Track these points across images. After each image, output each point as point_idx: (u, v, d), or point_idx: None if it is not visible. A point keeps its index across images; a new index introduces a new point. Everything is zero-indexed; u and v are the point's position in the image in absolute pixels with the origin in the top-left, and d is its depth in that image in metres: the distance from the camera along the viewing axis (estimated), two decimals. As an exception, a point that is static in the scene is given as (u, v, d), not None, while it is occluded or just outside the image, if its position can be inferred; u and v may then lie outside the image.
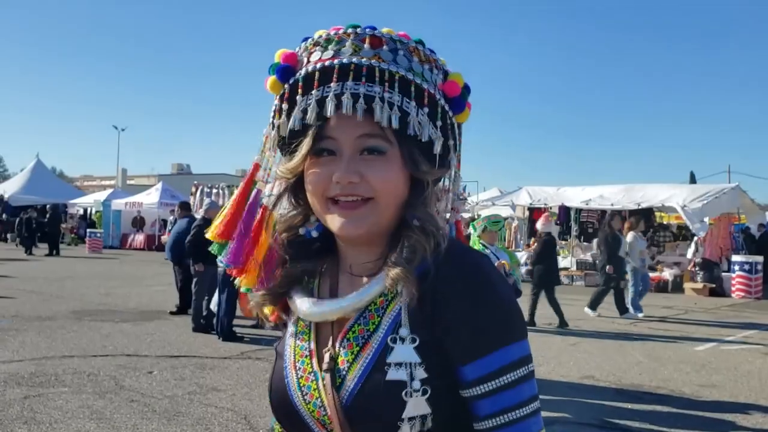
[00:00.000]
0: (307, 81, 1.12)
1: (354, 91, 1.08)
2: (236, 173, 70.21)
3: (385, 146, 1.11)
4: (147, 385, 6.63)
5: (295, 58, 1.16)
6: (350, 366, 1.10)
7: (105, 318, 10.74)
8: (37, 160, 37.84)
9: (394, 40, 1.14)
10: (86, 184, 68.40)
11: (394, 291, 1.11)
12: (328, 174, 1.11)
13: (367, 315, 1.13)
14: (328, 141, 1.11)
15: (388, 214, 1.14)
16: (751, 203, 21.21)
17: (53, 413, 5.64)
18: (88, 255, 26.69)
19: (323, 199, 1.13)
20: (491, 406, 1.07)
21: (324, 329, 1.18)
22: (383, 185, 1.11)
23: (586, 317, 12.47)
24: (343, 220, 1.11)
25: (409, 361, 1.06)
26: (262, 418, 5.68)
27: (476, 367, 1.07)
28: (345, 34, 1.14)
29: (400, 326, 1.09)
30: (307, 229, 1.23)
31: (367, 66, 1.10)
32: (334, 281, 1.23)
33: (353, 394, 1.08)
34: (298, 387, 1.16)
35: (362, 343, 1.11)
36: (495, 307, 1.09)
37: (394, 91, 1.10)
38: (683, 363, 8.57)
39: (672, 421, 6.00)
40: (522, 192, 22.02)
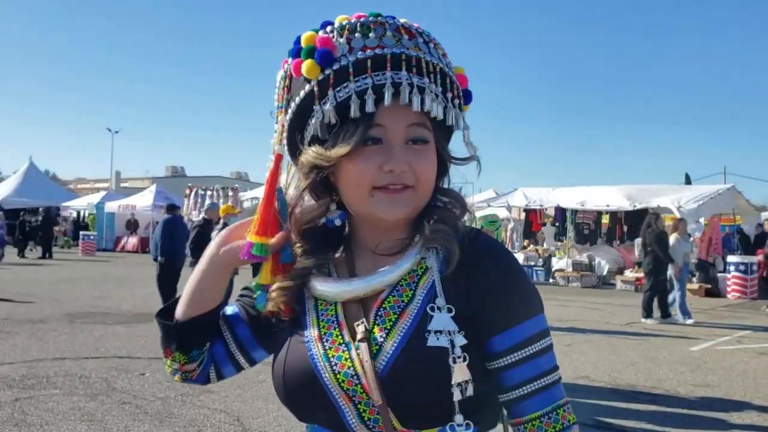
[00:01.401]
0: (356, 67, 1.12)
1: (409, 81, 1.11)
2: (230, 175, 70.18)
3: (429, 135, 1.16)
4: (139, 387, 6.57)
5: (332, 43, 1.14)
6: (388, 334, 1.12)
7: (97, 320, 10.68)
8: (30, 162, 37.68)
9: (420, 32, 1.18)
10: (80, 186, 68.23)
11: (423, 266, 1.17)
12: (376, 163, 1.12)
13: (400, 289, 1.16)
14: (377, 129, 1.13)
15: (426, 200, 1.19)
16: (747, 204, 21.26)
17: (44, 415, 5.59)
18: (81, 258, 26.62)
19: (368, 187, 1.14)
20: (521, 374, 1.14)
21: (350, 306, 1.19)
22: (426, 174, 1.15)
23: (581, 318, 12.45)
24: (388, 204, 1.14)
25: (448, 328, 1.10)
26: (255, 420, 5.64)
27: (508, 336, 1.13)
28: (379, 23, 1.15)
29: (436, 297, 1.13)
30: (328, 218, 1.23)
31: (416, 57, 1.13)
32: (351, 263, 1.24)
33: (392, 361, 1.10)
34: (325, 358, 1.14)
35: (399, 312, 1.14)
36: (522, 282, 1.19)
37: (438, 81, 1.15)
38: (678, 363, 8.55)
39: (667, 421, 5.98)
40: (517, 193, 22.01)
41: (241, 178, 68.15)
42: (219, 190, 25.79)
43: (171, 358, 1.32)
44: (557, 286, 19.15)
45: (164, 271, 11.36)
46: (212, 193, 25.06)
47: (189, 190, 25.71)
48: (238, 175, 71.38)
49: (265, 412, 5.82)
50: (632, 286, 18.33)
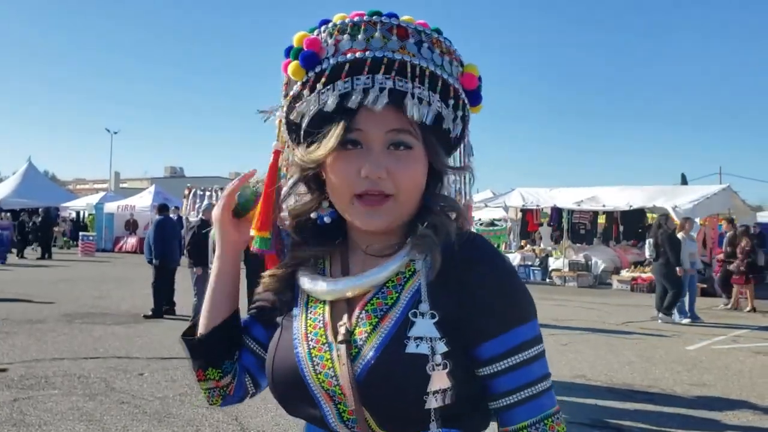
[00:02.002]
0: (334, 70, 1.12)
1: (387, 86, 1.09)
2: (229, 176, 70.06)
3: (413, 141, 1.13)
4: (138, 387, 6.60)
5: (319, 45, 1.14)
6: (368, 337, 1.11)
7: (96, 321, 10.70)
8: (29, 163, 37.64)
9: (418, 31, 1.14)
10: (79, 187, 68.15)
11: (411, 269, 1.15)
12: (355, 168, 1.11)
13: (385, 291, 1.15)
14: (356, 133, 1.12)
15: (408, 208, 1.16)
16: (742, 204, 21.30)
17: (43, 415, 5.61)
18: (80, 258, 26.60)
19: (349, 194, 1.13)
20: (511, 381, 1.11)
21: (338, 305, 1.19)
22: (407, 182, 1.13)
23: (578, 317, 12.48)
24: (366, 216, 1.13)
25: (429, 335, 1.08)
26: (253, 419, 5.67)
27: (499, 343, 1.11)
28: (371, 23, 1.13)
29: (420, 302, 1.11)
30: (319, 215, 1.23)
31: (399, 60, 1.10)
32: (345, 261, 1.24)
33: (369, 365, 1.09)
34: (309, 357, 1.15)
35: (381, 315, 1.13)
36: (514, 287, 1.16)
37: (424, 85, 1.11)
38: (675, 362, 8.59)
39: (663, 420, 6.01)
40: (514, 193, 22.04)
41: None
42: (218, 190, 25.72)
43: (204, 378, 1.30)
44: (554, 285, 19.18)
45: (160, 273, 11.42)
46: (211, 194, 25.01)
47: (188, 191, 25.62)
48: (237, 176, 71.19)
49: (264, 411, 5.84)
50: (628, 286, 18.37)
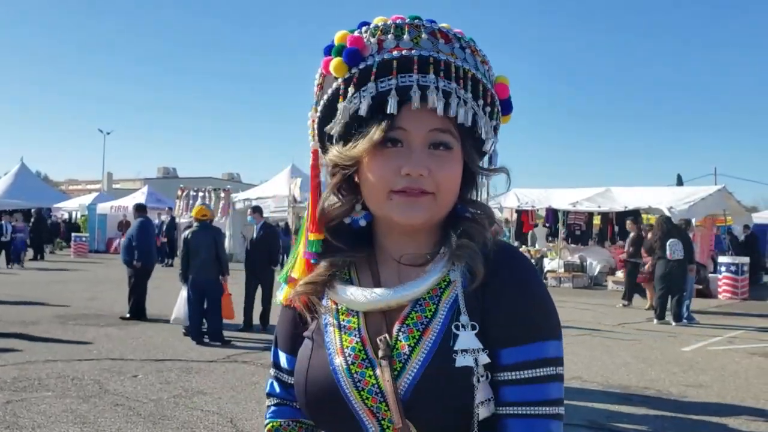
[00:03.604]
0: (382, 67, 1.11)
1: (435, 85, 1.09)
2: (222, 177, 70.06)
3: (453, 142, 1.13)
4: (132, 389, 6.56)
5: (362, 42, 1.13)
6: (411, 351, 1.10)
7: (90, 322, 10.64)
8: (21, 163, 37.50)
9: (458, 38, 1.16)
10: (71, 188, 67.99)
11: (447, 279, 1.14)
12: (395, 166, 1.11)
13: (423, 303, 1.14)
14: (398, 131, 1.12)
15: (446, 208, 1.16)
16: (737, 205, 21.33)
17: (36, 418, 5.56)
18: (73, 259, 26.51)
19: (386, 190, 1.12)
20: (518, 394, 1.09)
21: (373, 318, 1.17)
22: (447, 182, 1.13)
23: (573, 318, 12.47)
24: (405, 207, 1.11)
25: (473, 347, 1.08)
26: (248, 421, 5.63)
27: (514, 353, 1.10)
28: (414, 26, 1.13)
29: (459, 314, 1.10)
30: (354, 218, 1.22)
31: (445, 61, 1.11)
32: (375, 271, 1.21)
33: (415, 382, 1.08)
34: (348, 374, 1.12)
35: (422, 329, 1.12)
36: (542, 301, 1.15)
37: (468, 88, 1.12)
38: (671, 363, 8.59)
39: (659, 422, 6.01)
40: (510, 194, 22.02)
41: (233, 180, 68.05)
42: (211, 191, 25.70)
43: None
44: (549, 287, 19.20)
45: (141, 274, 11.34)
46: (204, 195, 24.99)
47: (181, 192, 25.60)
48: (230, 177, 71.26)
49: (259, 413, 5.81)
50: (623, 287, 18.36)
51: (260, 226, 10.65)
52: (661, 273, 12.46)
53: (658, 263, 12.62)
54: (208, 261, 9.37)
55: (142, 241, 11.45)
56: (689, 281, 12.68)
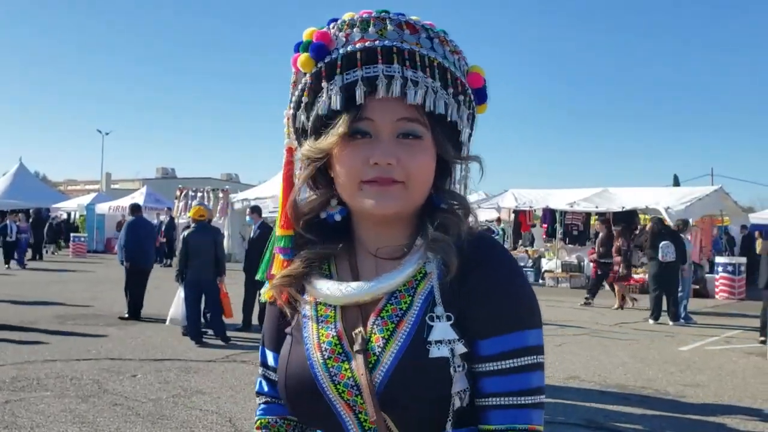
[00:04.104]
0: (346, 60, 1.11)
1: (401, 74, 1.09)
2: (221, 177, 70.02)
3: (422, 130, 1.13)
4: (131, 389, 6.57)
5: (329, 37, 1.14)
6: (386, 344, 1.10)
7: (89, 322, 10.65)
8: (20, 163, 37.45)
9: (426, 28, 1.15)
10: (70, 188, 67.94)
11: (422, 271, 1.14)
12: (364, 157, 1.10)
13: (398, 295, 1.14)
14: (365, 122, 1.11)
15: (419, 198, 1.15)
16: (734, 205, 21.40)
17: (35, 417, 5.57)
18: (72, 259, 26.50)
19: (356, 181, 1.12)
20: (499, 385, 1.09)
21: (349, 311, 1.17)
22: (417, 171, 1.12)
23: (571, 318, 12.50)
24: (376, 197, 1.11)
25: (449, 338, 1.08)
26: (247, 421, 5.65)
27: (495, 343, 1.09)
28: (381, 19, 1.14)
29: (434, 305, 1.10)
30: (329, 213, 1.22)
31: (409, 50, 1.11)
32: (353, 264, 1.22)
33: (390, 373, 1.08)
34: (325, 368, 1.13)
35: (396, 321, 1.12)
36: (521, 291, 1.14)
37: (436, 77, 1.12)
38: (668, 363, 8.62)
39: (657, 421, 6.03)
40: (507, 195, 22.07)
41: (232, 180, 68.02)
42: (209, 191, 25.70)
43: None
44: (546, 287, 19.22)
45: (130, 275, 11.37)
46: (203, 195, 24.98)
47: (180, 192, 25.57)
48: (229, 177, 71.22)
49: (257, 413, 5.82)
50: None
51: (258, 225, 10.66)
52: (654, 274, 12.54)
53: (651, 264, 12.73)
54: (207, 261, 9.39)
55: (129, 241, 11.48)
56: (686, 281, 12.71)
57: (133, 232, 11.57)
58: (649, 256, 12.77)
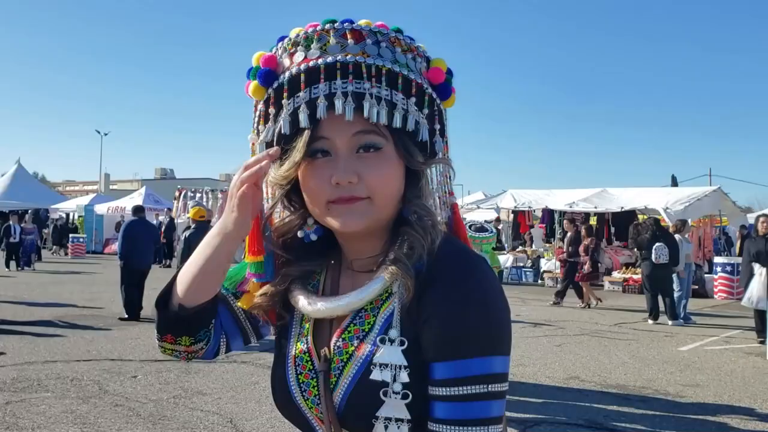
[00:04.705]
0: (292, 83, 1.09)
1: (344, 90, 1.06)
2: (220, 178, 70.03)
3: (381, 141, 1.09)
4: (131, 390, 6.57)
5: (275, 61, 1.12)
6: (344, 366, 1.11)
7: (88, 323, 10.65)
8: (18, 164, 37.40)
9: (374, 32, 1.11)
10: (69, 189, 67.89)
11: (389, 290, 1.11)
12: (326, 177, 1.08)
13: (363, 315, 1.13)
14: (322, 141, 1.09)
15: (387, 211, 1.12)
16: (733, 205, 21.41)
17: (36, 419, 5.58)
18: (70, 260, 26.47)
19: (323, 202, 1.10)
20: (447, 412, 1.04)
21: (322, 326, 1.18)
22: (381, 184, 1.09)
23: (571, 319, 12.51)
24: (343, 216, 1.09)
25: (395, 363, 1.06)
26: (248, 422, 5.65)
27: (446, 368, 1.04)
28: (324, 31, 1.11)
29: (391, 327, 1.08)
30: (306, 232, 1.20)
31: (353, 63, 1.08)
32: (336, 278, 1.22)
33: (347, 395, 1.09)
34: (297, 384, 1.17)
35: (357, 343, 1.11)
36: (483, 313, 1.05)
37: (382, 84, 1.08)
38: (667, 363, 8.63)
39: (657, 421, 6.04)
40: (506, 195, 22.08)
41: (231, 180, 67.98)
42: (208, 192, 25.67)
43: (174, 342, 1.21)
44: (546, 287, 19.22)
45: (124, 274, 11.43)
46: (201, 195, 24.96)
47: (178, 192, 25.55)
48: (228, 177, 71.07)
49: (259, 413, 5.83)
50: (620, 287, 18.44)
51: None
52: (647, 275, 12.59)
53: (644, 264, 12.76)
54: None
55: (124, 241, 11.61)
56: (683, 281, 12.73)
57: (129, 233, 11.62)
58: (643, 257, 12.83)
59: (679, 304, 12.46)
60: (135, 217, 12.10)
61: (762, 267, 9.85)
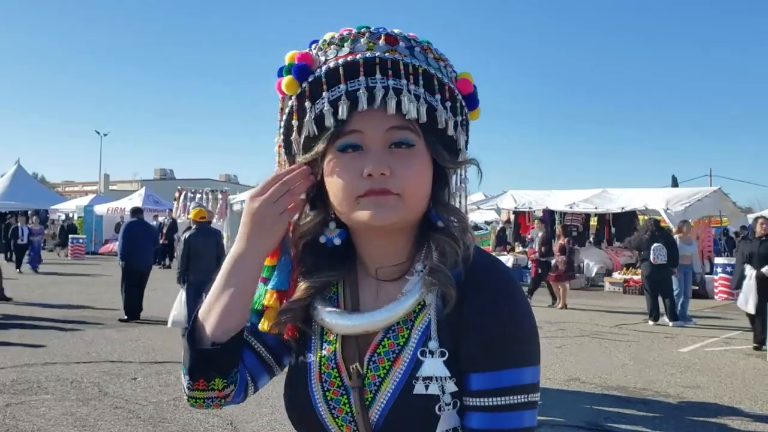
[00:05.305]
0: (329, 77, 1.09)
1: (383, 84, 1.07)
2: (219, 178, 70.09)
3: (414, 138, 1.10)
4: (131, 392, 6.56)
5: (310, 58, 1.13)
6: (381, 382, 1.08)
7: (88, 324, 10.64)
8: (18, 165, 37.39)
9: (407, 38, 1.13)
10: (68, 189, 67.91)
11: (422, 302, 1.10)
12: (356, 170, 1.07)
13: (396, 328, 1.11)
14: (354, 135, 1.09)
15: (416, 211, 1.12)
16: (733, 206, 21.40)
17: (36, 421, 5.57)
18: (70, 261, 26.46)
19: (352, 196, 1.08)
20: (483, 422, 1.04)
21: (349, 341, 1.15)
22: (412, 180, 1.08)
23: (571, 320, 12.50)
24: (373, 208, 1.07)
25: (439, 375, 1.05)
26: (248, 424, 5.64)
27: (483, 379, 1.05)
28: (360, 33, 1.12)
29: (429, 339, 1.07)
30: (327, 237, 1.17)
31: (392, 60, 1.08)
32: (355, 289, 1.19)
33: (386, 412, 1.07)
34: (324, 400, 1.13)
35: (393, 358, 1.09)
36: (519, 325, 1.07)
37: (420, 84, 1.09)
38: (668, 364, 8.62)
39: (657, 423, 6.04)
40: (507, 196, 22.08)
41: (231, 181, 68.12)
42: (208, 192, 25.67)
43: (206, 388, 1.16)
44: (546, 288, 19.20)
45: (125, 275, 11.42)
46: (201, 196, 24.97)
47: (178, 193, 25.54)
48: (228, 178, 71.35)
49: (259, 416, 5.82)
50: (620, 288, 18.43)
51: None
52: (647, 275, 12.60)
53: (643, 265, 12.76)
54: (209, 263, 9.38)
55: (124, 242, 11.64)
56: (680, 282, 12.73)
57: (129, 233, 11.62)
58: (642, 258, 12.83)
59: (677, 305, 12.45)
60: (134, 218, 12.11)
61: (753, 269, 9.84)
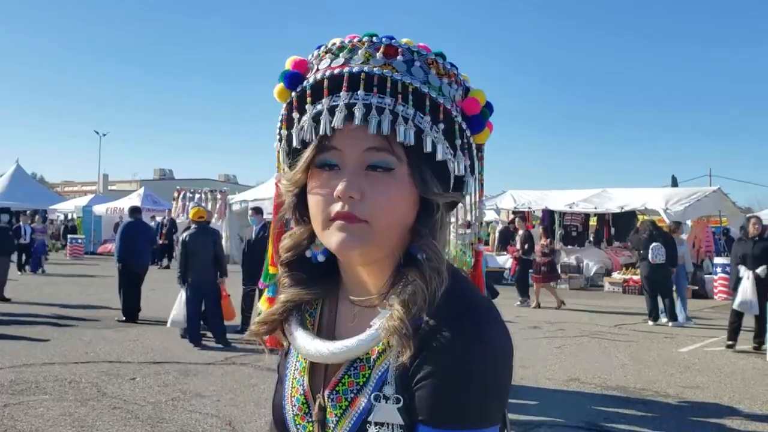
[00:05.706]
0: (315, 89, 1.05)
1: (365, 102, 1.00)
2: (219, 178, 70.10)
3: (393, 162, 1.01)
4: (130, 392, 6.55)
5: (305, 66, 1.09)
6: (338, 421, 1.06)
7: (86, 324, 10.63)
8: (17, 165, 37.40)
9: (411, 50, 1.06)
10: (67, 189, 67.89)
11: (387, 342, 1.03)
12: (331, 189, 1.02)
13: (358, 366, 1.07)
14: (332, 152, 1.03)
15: (387, 241, 1.04)
16: (733, 206, 21.43)
17: (34, 421, 5.55)
18: (69, 261, 26.45)
19: (324, 217, 1.03)
20: None
21: (317, 367, 1.13)
22: (382, 207, 1.01)
23: (570, 320, 12.50)
24: (340, 235, 1.01)
25: (391, 422, 1.00)
26: (247, 424, 5.63)
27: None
28: (360, 42, 1.06)
29: (386, 383, 1.02)
30: (313, 252, 1.14)
31: (379, 76, 1.02)
32: (334, 309, 1.16)
33: None
34: (294, 423, 1.14)
35: (351, 398, 1.06)
36: (481, 385, 0.97)
37: (408, 104, 1.01)
38: (667, 365, 8.62)
39: (657, 423, 6.03)
40: (506, 196, 22.10)
41: (230, 181, 68.14)
42: (207, 192, 25.70)
43: None
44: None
45: (122, 276, 11.42)
46: (201, 196, 24.99)
47: (177, 193, 25.60)
48: (227, 178, 71.37)
49: (257, 416, 5.81)
50: (620, 288, 18.43)
51: (260, 226, 10.64)
52: (645, 275, 12.61)
53: (642, 265, 12.77)
54: (208, 263, 9.38)
55: (122, 243, 11.61)
56: (680, 283, 12.73)
57: (127, 234, 11.62)
58: (641, 258, 12.84)
59: (676, 305, 12.44)
60: (132, 219, 12.10)
61: (748, 270, 9.83)
